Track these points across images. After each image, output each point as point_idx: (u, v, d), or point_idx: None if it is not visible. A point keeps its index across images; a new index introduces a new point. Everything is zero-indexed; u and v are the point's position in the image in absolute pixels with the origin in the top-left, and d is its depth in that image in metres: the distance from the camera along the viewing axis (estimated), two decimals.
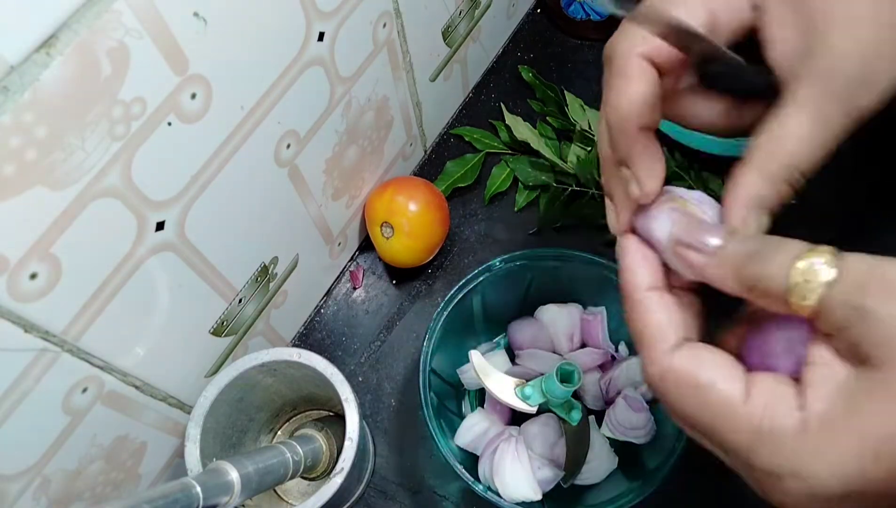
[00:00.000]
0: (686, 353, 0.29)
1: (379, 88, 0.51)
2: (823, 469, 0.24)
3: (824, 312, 0.25)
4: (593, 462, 0.49)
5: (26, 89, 0.27)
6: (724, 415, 0.27)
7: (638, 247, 0.31)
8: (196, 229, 0.40)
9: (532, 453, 0.49)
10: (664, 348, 0.29)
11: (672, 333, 0.29)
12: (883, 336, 0.24)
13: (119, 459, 0.43)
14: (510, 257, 0.50)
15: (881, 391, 0.23)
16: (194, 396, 0.44)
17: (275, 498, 0.52)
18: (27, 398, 0.34)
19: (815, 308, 0.25)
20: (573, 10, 0.67)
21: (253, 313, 0.51)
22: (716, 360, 0.28)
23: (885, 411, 0.23)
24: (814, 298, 0.25)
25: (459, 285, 0.49)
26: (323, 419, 0.50)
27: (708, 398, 0.27)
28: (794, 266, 0.26)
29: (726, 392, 0.27)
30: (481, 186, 0.63)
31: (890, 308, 0.24)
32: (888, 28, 0.29)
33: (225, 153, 0.39)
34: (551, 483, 0.49)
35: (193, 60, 0.34)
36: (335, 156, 0.51)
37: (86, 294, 0.35)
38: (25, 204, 0.30)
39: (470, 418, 0.51)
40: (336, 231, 0.56)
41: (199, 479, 0.33)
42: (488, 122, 0.65)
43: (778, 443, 0.25)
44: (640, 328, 0.30)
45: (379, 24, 0.47)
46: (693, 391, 0.28)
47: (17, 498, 0.37)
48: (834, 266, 0.25)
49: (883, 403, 0.23)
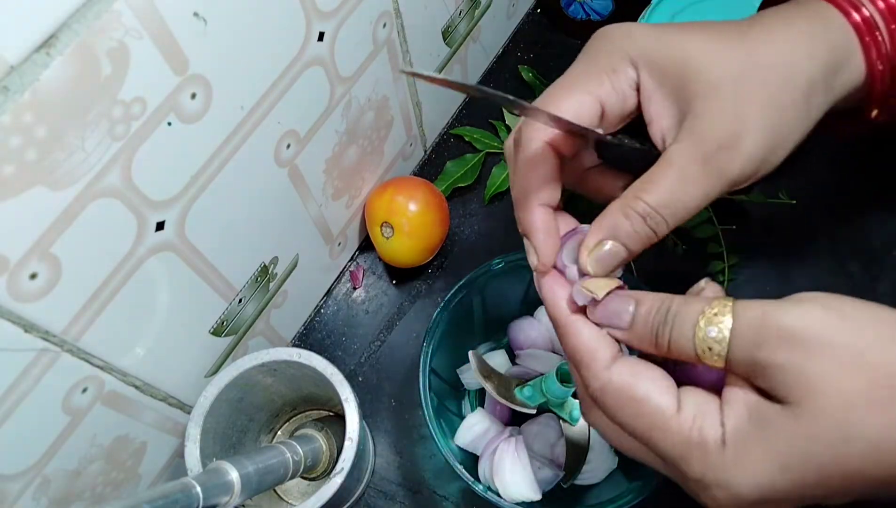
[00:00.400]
0: (622, 368, 0.31)
1: (379, 88, 0.51)
2: (742, 479, 0.27)
3: (733, 368, 0.29)
4: (593, 462, 0.49)
5: (26, 89, 0.27)
6: (659, 426, 0.30)
7: (554, 282, 0.34)
8: (196, 229, 0.40)
9: (532, 453, 0.49)
10: (601, 364, 0.32)
11: (605, 350, 0.32)
12: (782, 382, 0.27)
13: (119, 459, 0.43)
14: (510, 257, 0.50)
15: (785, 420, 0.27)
16: (194, 396, 0.44)
17: (275, 498, 0.52)
18: (27, 398, 0.34)
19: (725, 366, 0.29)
20: (573, 10, 0.67)
21: (253, 313, 0.51)
22: (650, 374, 0.31)
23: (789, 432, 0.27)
24: (720, 361, 0.29)
25: (459, 285, 0.49)
26: (323, 419, 0.50)
27: (644, 409, 0.30)
28: (696, 336, 0.29)
29: (661, 404, 0.30)
30: (481, 186, 0.63)
31: (784, 356, 0.27)
32: (749, 95, 0.32)
33: (225, 153, 0.39)
34: (551, 483, 0.49)
35: (193, 60, 0.34)
36: (335, 156, 0.51)
37: (86, 294, 0.35)
38: (25, 204, 0.30)
39: (470, 418, 0.51)
40: (336, 231, 0.56)
41: (199, 479, 0.33)
42: (488, 122, 0.65)
43: (704, 453, 0.28)
44: (574, 350, 0.33)
45: (379, 24, 0.47)
46: (631, 402, 0.30)
47: (17, 498, 0.37)
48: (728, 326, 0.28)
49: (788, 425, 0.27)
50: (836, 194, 0.60)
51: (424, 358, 0.47)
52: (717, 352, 0.29)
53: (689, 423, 0.29)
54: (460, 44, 0.60)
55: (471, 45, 0.62)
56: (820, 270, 0.58)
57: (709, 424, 0.29)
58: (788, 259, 0.58)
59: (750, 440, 0.27)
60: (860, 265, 0.57)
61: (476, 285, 0.50)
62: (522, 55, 0.69)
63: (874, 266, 0.57)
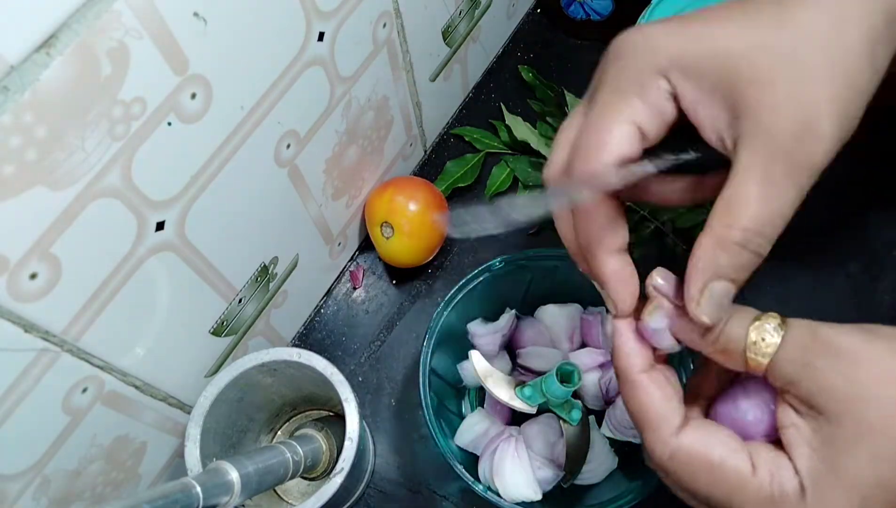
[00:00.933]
0: (693, 433, 0.31)
1: (379, 88, 0.51)
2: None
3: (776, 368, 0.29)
4: (593, 462, 0.49)
5: (26, 89, 0.27)
6: (739, 489, 0.29)
7: (630, 330, 0.33)
8: (196, 229, 0.40)
9: (532, 453, 0.49)
10: (670, 430, 0.31)
11: (674, 413, 0.31)
12: (823, 387, 0.28)
13: (119, 459, 0.43)
14: (510, 257, 0.50)
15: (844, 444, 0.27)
16: (194, 396, 0.44)
17: (275, 498, 0.52)
18: (27, 398, 0.34)
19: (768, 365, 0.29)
20: (573, 10, 0.67)
21: (253, 313, 0.51)
22: (721, 437, 0.31)
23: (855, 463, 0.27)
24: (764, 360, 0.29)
25: (459, 286, 0.49)
26: (323, 419, 0.50)
27: (721, 475, 0.30)
28: (750, 330, 0.30)
29: (738, 467, 0.30)
30: (481, 186, 0.63)
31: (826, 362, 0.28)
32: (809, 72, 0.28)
33: (225, 153, 0.39)
34: (551, 482, 0.49)
35: (193, 60, 0.34)
36: (335, 156, 0.51)
37: (86, 294, 0.35)
38: (25, 204, 0.30)
39: (470, 418, 0.51)
40: (336, 231, 0.56)
41: (199, 479, 0.33)
42: (488, 122, 0.65)
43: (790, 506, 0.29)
44: (640, 410, 0.32)
45: (379, 24, 0.47)
46: (706, 468, 0.30)
47: (17, 498, 0.37)
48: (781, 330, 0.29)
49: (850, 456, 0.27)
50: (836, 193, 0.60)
51: (424, 358, 0.47)
52: (764, 351, 0.29)
53: (768, 480, 0.29)
54: (460, 44, 0.60)
55: (471, 45, 0.62)
56: (820, 270, 0.58)
57: (786, 477, 0.29)
58: (788, 259, 0.58)
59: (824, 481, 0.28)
60: (860, 265, 0.57)
61: (476, 285, 0.50)
62: (522, 55, 0.69)
63: (874, 266, 0.57)
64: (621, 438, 0.49)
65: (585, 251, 0.33)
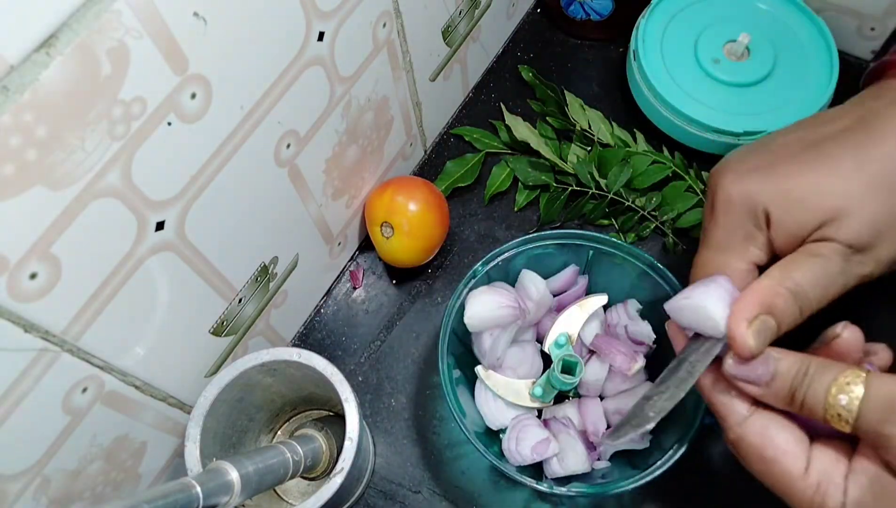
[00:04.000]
0: (754, 426, 0.35)
1: (379, 88, 0.51)
2: None
3: (860, 436, 0.31)
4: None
5: (26, 89, 0.27)
6: (785, 485, 0.33)
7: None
8: (196, 229, 0.40)
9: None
10: (737, 419, 0.35)
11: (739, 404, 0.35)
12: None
13: (119, 459, 0.43)
14: (505, 248, 0.50)
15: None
16: (194, 396, 0.44)
17: (275, 498, 0.52)
18: (27, 398, 0.34)
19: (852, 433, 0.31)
20: (573, 10, 0.67)
21: (253, 313, 0.51)
22: (782, 436, 0.34)
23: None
24: (847, 427, 0.31)
25: (459, 287, 0.49)
26: (323, 419, 0.50)
27: (771, 469, 0.34)
28: (827, 401, 0.31)
29: (788, 468, 0.33)
30: (481, 186, 0.63)
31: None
32: (880, 206, 0.35)
33: (225, 153, 0.39)
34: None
35: (193, 60, 0.34)
36: (335, 156, 0.51)
37: (86, 294, 0.35)
38: (25, 204, 0.30)
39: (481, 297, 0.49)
40: (336, 231, 0.56)
41: (199, 479, 0.33)
42: (488, 122, 0.65)
43: None
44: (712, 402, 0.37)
45: (379, 24, 0.47)
46: (761, 461, 0.34)
47: (17, 498, 0.37)
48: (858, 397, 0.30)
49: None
50: None
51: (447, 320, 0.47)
52: (846, 419, 0.31)
53: (813, 488, 0.31)
54: (460, 44, 0.60)
55: (471, 45, 0.62)
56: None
57: (832, 493, 0.31)
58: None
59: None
60: None
61: (476, 286, 0.49)
62: (522, 55, 0.69)
63: None
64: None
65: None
